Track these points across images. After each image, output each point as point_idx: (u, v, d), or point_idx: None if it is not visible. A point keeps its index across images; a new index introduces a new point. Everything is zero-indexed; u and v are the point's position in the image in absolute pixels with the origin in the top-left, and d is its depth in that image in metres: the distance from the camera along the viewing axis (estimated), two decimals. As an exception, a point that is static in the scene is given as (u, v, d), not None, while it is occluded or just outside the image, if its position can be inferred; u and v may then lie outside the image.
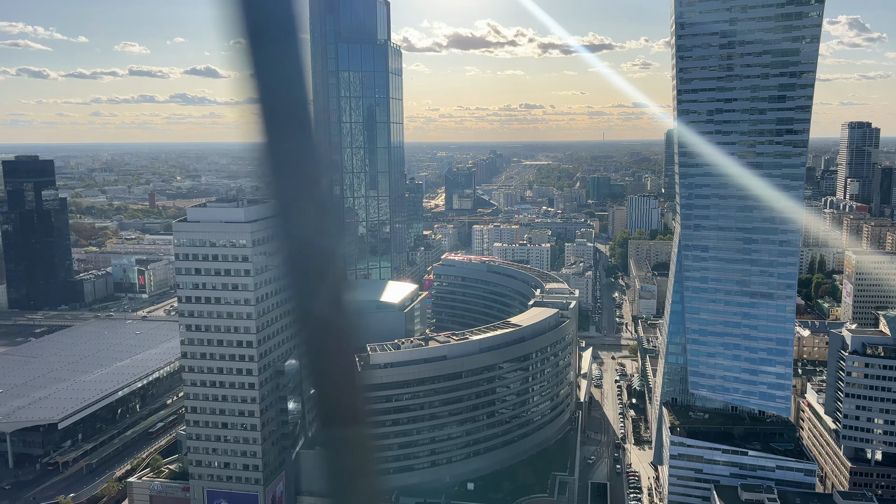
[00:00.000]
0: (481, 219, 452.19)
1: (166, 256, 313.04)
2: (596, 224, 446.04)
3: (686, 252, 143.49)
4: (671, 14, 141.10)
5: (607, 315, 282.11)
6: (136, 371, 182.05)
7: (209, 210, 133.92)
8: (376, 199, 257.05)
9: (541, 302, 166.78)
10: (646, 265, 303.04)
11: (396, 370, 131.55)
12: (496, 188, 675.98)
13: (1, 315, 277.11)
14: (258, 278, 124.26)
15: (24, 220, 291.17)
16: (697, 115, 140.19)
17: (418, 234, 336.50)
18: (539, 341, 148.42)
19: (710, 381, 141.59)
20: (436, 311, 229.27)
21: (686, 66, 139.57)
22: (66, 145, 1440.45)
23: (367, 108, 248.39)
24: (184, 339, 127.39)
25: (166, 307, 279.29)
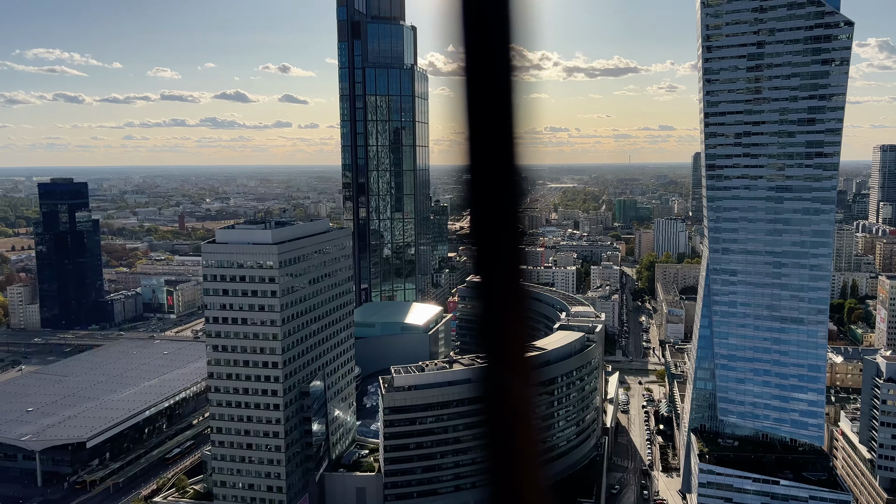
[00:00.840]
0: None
1: (194, 277, 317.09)
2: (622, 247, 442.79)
3: (714, 276, 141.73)
4: (698, 37, 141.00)
5: (634, 339, 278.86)
6: (163, 391, 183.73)
7: (237, 232, 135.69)
8: (402, 221, 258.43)
9: (566, 325, 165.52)
10: (673, 289, 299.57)
11: (420, 393, 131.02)
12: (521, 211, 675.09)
13: (34, 334, 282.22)
14: (284, 299, 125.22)
15: (58, 241, 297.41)
16: (725, 138, 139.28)
17: (443, 256, 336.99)
18: (564, 365, 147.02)
19: (740, 408, 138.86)
20: (460, 334, 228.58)
21: (713, 89, 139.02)
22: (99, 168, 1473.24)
23: (393, 131, 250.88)
24: (210, 359, 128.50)
25: (194, 327, 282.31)
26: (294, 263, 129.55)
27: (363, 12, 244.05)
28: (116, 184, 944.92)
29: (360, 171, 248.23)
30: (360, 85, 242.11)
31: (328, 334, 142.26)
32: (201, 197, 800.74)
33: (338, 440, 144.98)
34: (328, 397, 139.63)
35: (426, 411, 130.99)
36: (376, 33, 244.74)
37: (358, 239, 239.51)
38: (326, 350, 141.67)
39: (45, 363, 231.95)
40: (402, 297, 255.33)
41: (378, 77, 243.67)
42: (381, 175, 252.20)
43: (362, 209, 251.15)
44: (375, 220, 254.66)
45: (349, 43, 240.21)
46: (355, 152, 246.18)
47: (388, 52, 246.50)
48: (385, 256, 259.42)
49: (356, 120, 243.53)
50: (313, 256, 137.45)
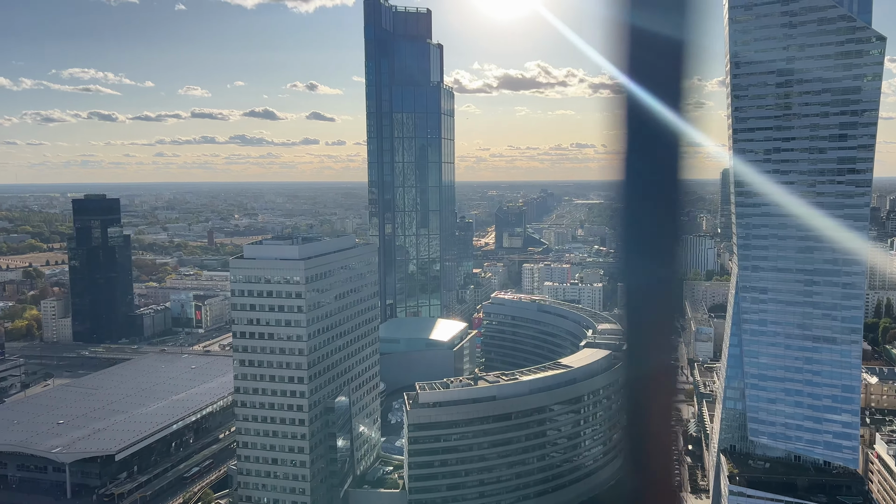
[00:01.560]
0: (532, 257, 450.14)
1: (222, 292, 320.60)
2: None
3: (744, 294, 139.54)
4: (726, 53, 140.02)
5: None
6: (191, 405, 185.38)
7: (265, 247, 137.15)
8: (427, 237, 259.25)
9: (593, 343, 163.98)
10: (702, 307, 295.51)
11: (445, 409, 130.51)
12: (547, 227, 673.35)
13: (66, 347, 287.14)
14: (311, 314, 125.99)
15: (90, 256, 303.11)
16: (754, 155, 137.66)
17: (468, 273, 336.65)
18: (591, 383, 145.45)
19: (771, 429, 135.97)
20: (485, 351, 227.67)
21: (742, 105, 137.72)
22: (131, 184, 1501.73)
23: (419, 148, 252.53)
24: (237, 373, 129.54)
25: (221, 342, 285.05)
26: (320, 279, 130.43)
27: (390, 31, 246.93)
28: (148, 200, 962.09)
29: (386, 187, 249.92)
30: (386, 102, 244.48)
31: (353, 349, 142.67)
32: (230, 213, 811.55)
33: (362, 456, 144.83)
34: (353, 413, 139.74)
35: (451, 428, 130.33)
36: (403, 51, 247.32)
37: (383, 254, 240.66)
38: (352, 365, 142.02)
39: (77, 376, 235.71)
40: (427, 312, 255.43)
41: (404, 94, 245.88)
42: (407, 191, 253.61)
43: (388, 225, 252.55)
44: (401, 236, 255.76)
45: (376, 61, 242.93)
46: (381, 169, 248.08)
47: (414, 70, 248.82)
48: (410, 272, 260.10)
49: (383, 137, 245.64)
50: (339, 272, 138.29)
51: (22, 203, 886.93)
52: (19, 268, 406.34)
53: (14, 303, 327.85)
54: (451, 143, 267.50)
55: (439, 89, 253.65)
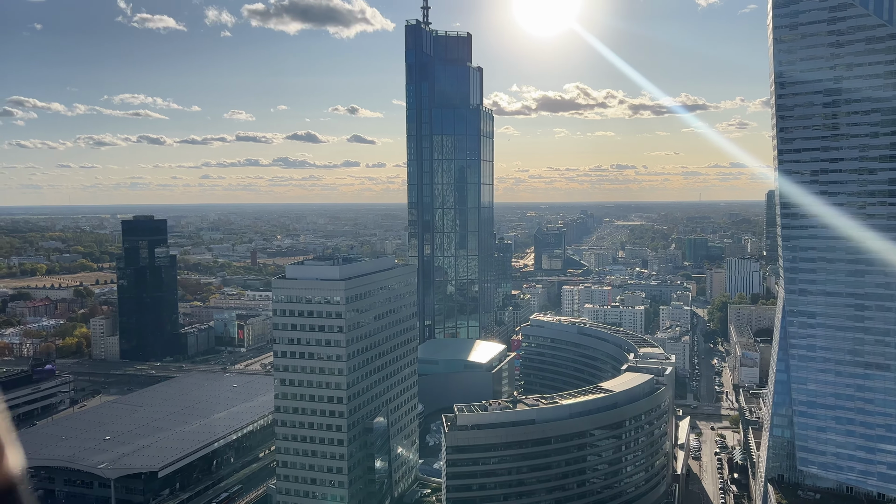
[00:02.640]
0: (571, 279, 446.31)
1: (265, 312, 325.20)
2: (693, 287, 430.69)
3: (791, 318, 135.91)
4: (770, 73, 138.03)
5: (706, 383, 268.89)
6: (232, 423, 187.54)
7: (306, 268, 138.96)
8: (465, 258, 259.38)
9: (634, 367, 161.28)
10: (747, 331, 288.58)
11: (483, 432, 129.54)
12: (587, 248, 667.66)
13: (113, 365, 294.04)
14: (350, 335, 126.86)
15: (138, 276, 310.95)
16: (801, 176, 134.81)
17: (507, 294, 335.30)
18: (633, 408, 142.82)
19: (821, 458, 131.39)
20: (524, 373, 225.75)
21: (787, 126, 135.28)
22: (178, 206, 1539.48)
23: (458, 169, 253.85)
24: (277, 393, 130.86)
25: (263, 361, 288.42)
26: (360, 299, 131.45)
27: (431, 55, 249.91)
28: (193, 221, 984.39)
29: (426, 208, 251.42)
30: (426, 125, 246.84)
31: (392, 370, 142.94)
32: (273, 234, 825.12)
33: (400, 478, 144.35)
34: (391, 434, 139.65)
35: (489, 452, 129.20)
36: (443, 75, 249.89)
37: (422, 275, 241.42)
38: (390, 386, 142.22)
39: (123, 393, 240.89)
40: (466, 334, 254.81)
41: (444, 117, 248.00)
42: (446, 213, 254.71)
43: (427, 246, 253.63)
44: (440, 257, 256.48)
45: (417, 84, 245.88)
46: (421, 190, 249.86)
47: (454, 93, 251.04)
48: (449, 293, 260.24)
49: (422, 159, 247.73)
50: (379, 292, 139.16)
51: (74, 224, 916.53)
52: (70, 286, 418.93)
53: (65, 321, 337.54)
54: (490, 165, 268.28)
55: (479, 111, 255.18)
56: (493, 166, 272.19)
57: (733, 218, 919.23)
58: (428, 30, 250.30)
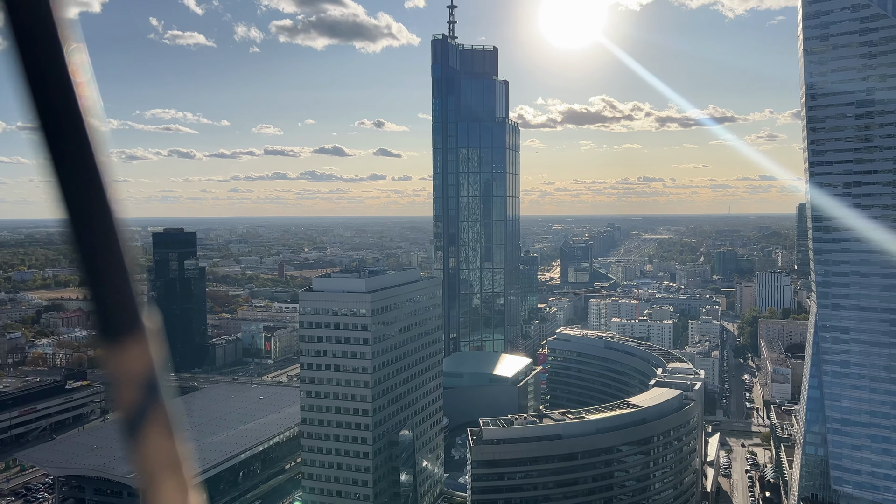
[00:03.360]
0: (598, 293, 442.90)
1: (291, 324, 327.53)
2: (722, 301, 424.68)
3: (824, 333, 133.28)
4: (801, 85, 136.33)
5: (736, 399, 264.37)
6: (259, 435, 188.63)
7: (333, 280, 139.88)
8: (491, 270, 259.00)
9: (663, 382, 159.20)
10: (778, 346, 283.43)
11: (509, 447, 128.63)
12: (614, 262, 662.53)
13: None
14: (376, 347, 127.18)
15: (167, 288, 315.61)
16: (833, 189, 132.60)
17: (533, 307, 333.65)
18: (661, 424, 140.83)
19: (856, 478, 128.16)
20: (550, 387, 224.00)
21: (818, 138, 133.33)
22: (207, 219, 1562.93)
23: (484, 182, 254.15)
24: (304, 404, 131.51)
25: (289, 373, 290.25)
26: (386, 311, 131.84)
27: (457, 68, 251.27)
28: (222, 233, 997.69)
29: (451, 221, 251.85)
30: (452, 138, 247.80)
31: (417, 383, 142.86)
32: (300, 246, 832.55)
33: (425, 492, 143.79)
34: (416, 447, 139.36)
35: (515, 466, 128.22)
36: (469, 88, 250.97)
37: (448, 288, 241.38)
38: (415, 399, 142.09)
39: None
40: (491, 347, 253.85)
41: (470, 130, 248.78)
42: (472, 225, 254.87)
43: (452, 259, 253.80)
44: (465, 270, 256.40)
45: (443, 98, 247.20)
46: (446, 203, 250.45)
47: (480, 106, 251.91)
48: (474, 306, 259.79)
49: (448, 172, 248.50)
50: (404, 305, 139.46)
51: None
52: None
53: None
54: (516, 178, 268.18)
55: (504, 125, 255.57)
56: (519, 179, 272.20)
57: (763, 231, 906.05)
58: (454, 44, 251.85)
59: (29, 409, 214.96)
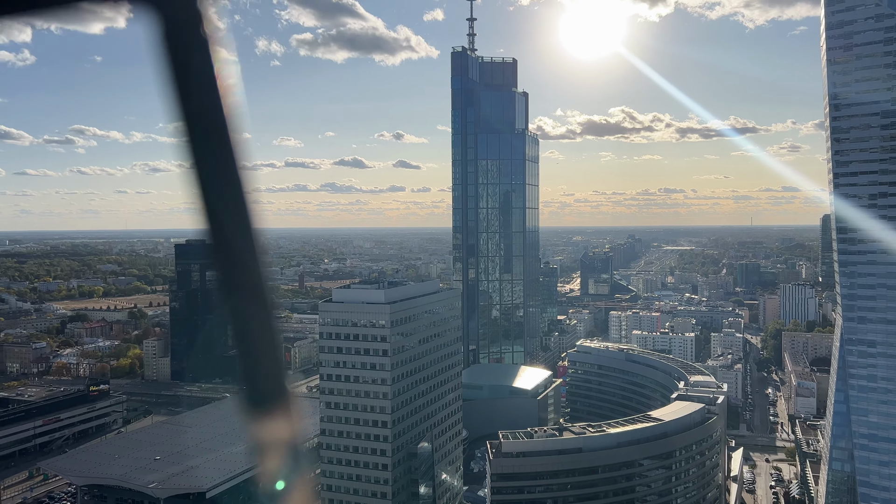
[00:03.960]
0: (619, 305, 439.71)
1: (311, 335, 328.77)
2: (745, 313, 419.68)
3: (849, 347, 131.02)
4: (824, 95, 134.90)
5: (760, 413, 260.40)
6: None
7: (352, 291, 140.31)
8: (510, 282, 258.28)
9: (685, 395, 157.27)
10: (803, 359, 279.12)
11: (528, 460, 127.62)
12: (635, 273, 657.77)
13: (164, 385, 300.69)
14: (395, 358, 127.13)
15: (189, 298, 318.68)
16: (858, 200, 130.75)
17: (552, 319, 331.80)
18: (683, 438, 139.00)
19: (885, 494, 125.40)
20: (570, 400, 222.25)
21: (843, 149, 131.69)
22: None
23: (503, 194, 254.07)
24: (322, 415, 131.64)
25: (309, 384, 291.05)
26: (405, 323, 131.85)
27: (476, 80, 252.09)
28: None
29: (471, 232, 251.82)
30: (471, 150, 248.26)
31: (436, 395, 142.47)
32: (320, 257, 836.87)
33: None
34: (436, 460, 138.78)
35: (535, 480, 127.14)
36: (489, 100, 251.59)
37: (467, 300, 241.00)
38: (434, 411, 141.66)
39: (173, 413, 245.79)
40: (510, 359, 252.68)
41: (489, 142, 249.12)
42: (491, 237, 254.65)
43: (472, 270, 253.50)
44: (484, 282, 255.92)
45: (462, 110, 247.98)
46: (466, 215, 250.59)
47: (499, 118, 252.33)
48: (493, 318, 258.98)
49: (467, 183, 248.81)
50: (424, 316, 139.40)
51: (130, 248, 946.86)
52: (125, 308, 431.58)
53: (120, 342, 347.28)
54: (536, 189, 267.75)
55: (524, 136, 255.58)
56: (539, 190, 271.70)
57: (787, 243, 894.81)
58: (474, 56, 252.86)
59: (53, 418, 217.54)
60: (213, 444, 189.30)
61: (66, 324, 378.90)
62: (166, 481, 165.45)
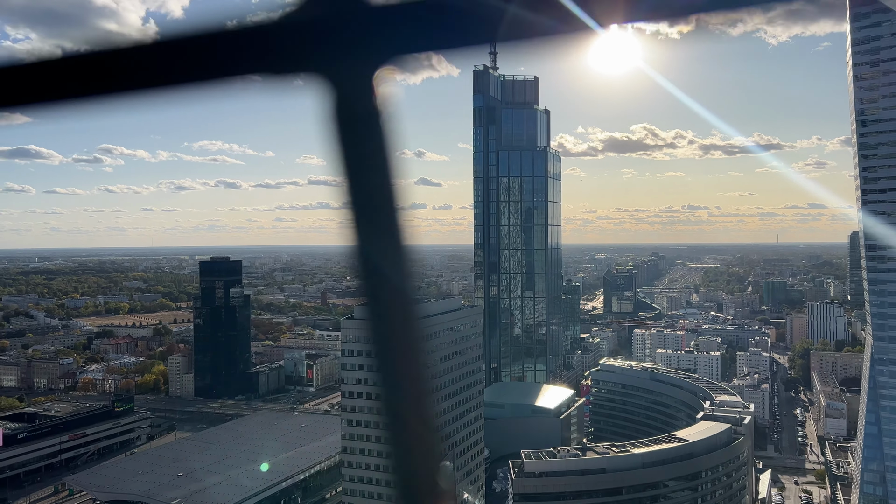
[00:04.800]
0: (643, 323, 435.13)
1: (333, 352, 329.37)
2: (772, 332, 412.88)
3: (880, 367, 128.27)
4: (851, 111, 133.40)
5: (788, 434, 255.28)
6: (300, 463, 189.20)
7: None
8: (532, 300, 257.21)
9: (710, 415, 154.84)
10: (832, 379, 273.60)
11: (551, 480, 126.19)
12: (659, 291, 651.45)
13: (187, 402, 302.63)
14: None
15: (213, 315, 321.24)
16: (888, 217, 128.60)
17: (575, 337, 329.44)
18: (709, 459, 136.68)
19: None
20: (593, 420, 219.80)
21: (871, 165, 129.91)
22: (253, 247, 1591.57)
23: (525, 211, 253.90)
24: (344, 433, 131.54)
25: (330, 401, 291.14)
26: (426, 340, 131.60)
27: (498, 98, 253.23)
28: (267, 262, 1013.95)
29: (492, 250, 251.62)
30: (493, 167, 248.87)
31: (458, 413, 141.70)
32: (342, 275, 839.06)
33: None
34: (457, 479, 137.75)
35: (557, 500, 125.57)
36: (510, 118, 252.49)
37: (488, 317, 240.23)
38: (456, 430, 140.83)
39: (197, 430, 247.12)
40: (533, 377, 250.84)
41: (511, 159, 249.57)
42: (513, 254, 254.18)
43: (493, 287, 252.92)
44: (506, 299, 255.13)
45: (484, 128, 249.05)
46: (487, 232, 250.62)
47: (521, 136, 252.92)
48: (515, 335, 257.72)
49: (489, 201, 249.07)
50: (445, 333, 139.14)
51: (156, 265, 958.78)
52: (150, 325, 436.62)
53: (144, 358, 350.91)
54: (558, 206, 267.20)
55: (546, 153, 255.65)
56: (561, 207, 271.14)
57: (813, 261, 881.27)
58: (495, 75, 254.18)
59: (79, 433, 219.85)
60: (236, 460, 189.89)
61: (93, 340, 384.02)
62: (189, 497, 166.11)
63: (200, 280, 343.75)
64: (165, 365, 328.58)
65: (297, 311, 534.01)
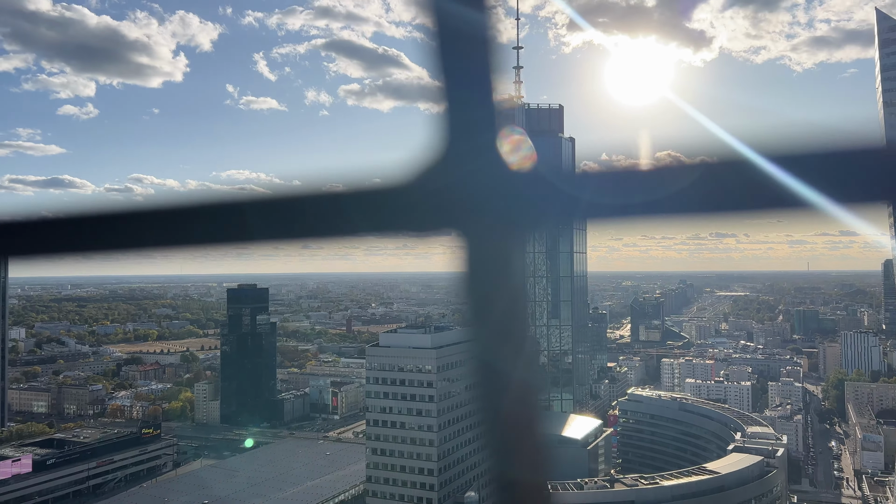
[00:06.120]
0: (671, 352, 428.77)
1: (358, 379, 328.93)
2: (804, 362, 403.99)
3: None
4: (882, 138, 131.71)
5: (823, 467, 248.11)
6: (325, 492, 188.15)
7: (399, 336, 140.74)
8: (558, 328, 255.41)
9: (742, 447, 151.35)
10: (868, 411, 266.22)
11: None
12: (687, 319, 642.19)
13: (213, 429, 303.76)
14: (441, 405, 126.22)
15: (240, 342, 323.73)
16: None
17: (602, 366, 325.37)
18: (741, 492, 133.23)
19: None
20: (621, 451, 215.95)
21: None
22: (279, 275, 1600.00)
23: (550, 238, 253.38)
24: (369, 462, 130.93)
25: (355, 429, 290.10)
26: (451, 368, 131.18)
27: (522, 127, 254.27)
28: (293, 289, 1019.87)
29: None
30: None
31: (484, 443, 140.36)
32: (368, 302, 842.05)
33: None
34: None
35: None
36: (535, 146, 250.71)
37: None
38: (482, 459, 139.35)
39: (222, 457, 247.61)
40: (559, 407, 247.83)
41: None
42: (538, 281, 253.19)
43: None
44: (532, 327, 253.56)
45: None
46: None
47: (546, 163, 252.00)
48: (541, 364, 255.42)
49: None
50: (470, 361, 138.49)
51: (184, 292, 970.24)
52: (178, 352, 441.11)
53: (172, 385, 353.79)
54: (583, 234, 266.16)
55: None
56: (586, 235, 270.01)
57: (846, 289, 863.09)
58: (520, 103, 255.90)
59: (106, 460, 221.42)
60: (261, 488, 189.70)
61: (122, 366, 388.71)
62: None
63: (228, 307, 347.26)
64: (192, 392, 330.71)
65: (322, 338, 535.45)
